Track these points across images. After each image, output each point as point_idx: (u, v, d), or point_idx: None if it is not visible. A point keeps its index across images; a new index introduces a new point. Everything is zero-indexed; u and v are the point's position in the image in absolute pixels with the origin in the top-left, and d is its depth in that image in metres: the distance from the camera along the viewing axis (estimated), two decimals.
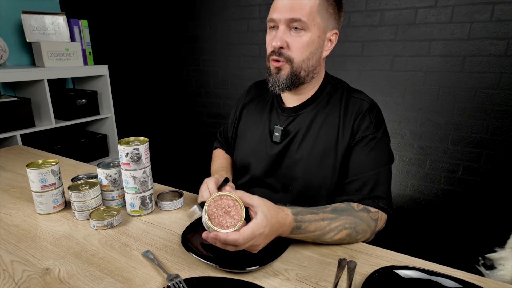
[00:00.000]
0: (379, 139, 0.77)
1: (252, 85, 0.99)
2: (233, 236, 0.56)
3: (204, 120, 2.32)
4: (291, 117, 0.85)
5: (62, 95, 2.09)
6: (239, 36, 2.03)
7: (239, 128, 0.96)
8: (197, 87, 2.29)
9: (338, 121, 0.80)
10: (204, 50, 2.19)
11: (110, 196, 0.85)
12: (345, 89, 0.84)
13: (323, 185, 0.81)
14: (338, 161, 0.79)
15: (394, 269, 0.58)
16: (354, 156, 0.77)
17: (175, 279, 0.56)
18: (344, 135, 0.79)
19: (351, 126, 0.78)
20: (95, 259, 0.65)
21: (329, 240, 0.67)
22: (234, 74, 2.11)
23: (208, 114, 2.29)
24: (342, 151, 0.78)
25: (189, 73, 2.30)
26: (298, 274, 0.60)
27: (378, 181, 0.74)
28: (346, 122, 0.79)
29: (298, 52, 0.76)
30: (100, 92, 2.30)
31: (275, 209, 0.62)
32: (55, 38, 2.08)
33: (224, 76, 2.16)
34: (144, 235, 0.73)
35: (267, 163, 0.87)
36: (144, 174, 0.80)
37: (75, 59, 2.12)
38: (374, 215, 0.72)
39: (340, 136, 0.79)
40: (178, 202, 0.86)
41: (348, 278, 0.59)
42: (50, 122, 1.99)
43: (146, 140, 0.81)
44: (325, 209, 0.69)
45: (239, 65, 2.08)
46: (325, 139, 0.80)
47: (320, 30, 0.76)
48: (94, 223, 0.76)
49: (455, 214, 1.67)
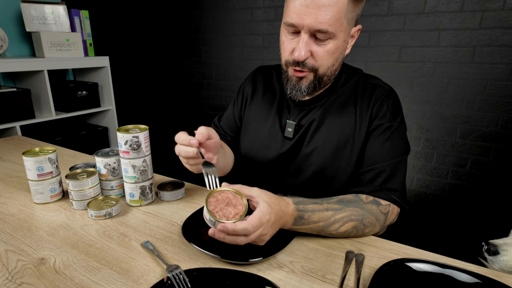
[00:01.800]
0: (396, 128, 0.74)
1: (257, 71, 0.95)
2: (242, 225, 0.54)
3: (206, 113, 2.30)
4: (305, 111, 0.81)
5: (63, 87, 2.07)
6: (243, 26, 2.00)
7: (244, 119, 0.93)
8: (199, 79, 2.26)
9: (354, 110, 0.77)
10: (207, 41, 2.16)
11: (109, 186, 0.84)
12: (360, 75, 0.81)
13: (336, 178, 0.78)
14: (355, 153, 0.76)
15: (406, 262, 0.56)
16: (368, 145, 0.74)
17: (175, 270, 0.55)
18: (362, 125, 0.76)
19: (368, 115, 0.75)
20: (92, 250, 0.63)
21: (334, 232, 0.65)
22: (237, 66, 2.08)
23: (210, 107, 2.27)
24: (360, 142, 0.75)
25: (191, 65, 2.27)
26: (303, 266, 0.59)
27: (392, 172, 0.71)
28: (363, 111, 0.76)
29: (324, 61, 0.71)
30: (101, 84, 2.28)
31: (276, 197, 0.60)
32: (55, 28, 2.06)
33: (226, 67, 2.12)
34: (143, 226, 0.72)
35: (277, 161, 0.84)
36: (144, 163, 0.78)
37: (75, 50, 2.10)
38: (385, 208, 0.69)
39: (357, 127, 0.76)
40: (179, 193, 0.85)
41: (356, 271, 0.57)
42: (50, 113, 1.98)
43: (146, 128, 0.79)
44: (330, 200, 0.67)
45: (242, 56, 2.05)
46: (340, 130, 0.77)
47: (346, 34, 0.70)
48: (92, 213, 0.74)
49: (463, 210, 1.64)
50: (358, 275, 0.55)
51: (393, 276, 0.54)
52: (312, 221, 0.63)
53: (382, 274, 0.54)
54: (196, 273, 0.54)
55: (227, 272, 0.55)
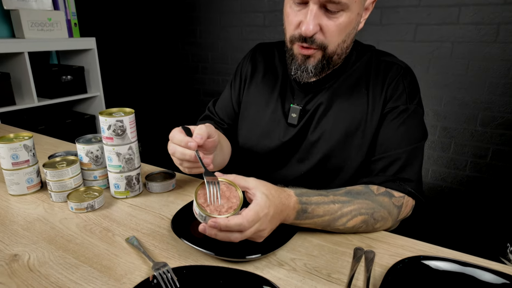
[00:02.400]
0: (412, 112, 0.72)
1: (257, 49, 0.92)
2: (235, 220, 0.51)
3: (201, 99, 2.27)
4: (311, 94, 0.79)
5: (45, 71, 2.05)
6: (242, 3, 1.95)
7: (242, 103, 0.90)
8: (193, 62, 2.23)
9: (366, 91, 0.75)
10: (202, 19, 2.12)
11: (91, 176, 0.82)
12: (373, 52, 0.79)
13: (344, 168, 0.76)
14: (366, 140, 0.74)
15: (423, 260, 0.55)
16: (381, 130, 0.72)
17: (162, 268, 0.53)
18: (375, 108, 0.73)
19: (382, 96, 0.73)
20: (71, 245, 0.62)
21: (341, 227, 0.64)
22: (235, 47, 2.05)
23: (206, 92, 2.24)
24: (372, 127, 0.73)
25: (185, 47, 2.24)
26: (306, 264, 0.57)
27: (407, 161, 0.69)
28: (376, 92, 0.74)
29: (334, 37, 0.68)
30: (87, 68, 2.26)
31: (276, 188, 0.58)
32: (36, 6, 2.02)
33: (224, 49, 2.09)
34: (129, 220, 0.71)
35: (279, 151, 0.82)
36: (130, 150, 0.76)
37: (58, 30, 2.06)
38: (398, 201, 0.67)
39: (369, 110, 0.74)
40: (169, 184, 0.83)
41: (365, 270, 0.56)
42: (32, 100, 1.96)
43: (132, 111, 0.76)
44: (337, 191, 0.65)
45: (241, 36, 2.01)
46: (350, 114, 0.74)
47: (360, 5, 0.67)
48: (72, 205, 0.73)
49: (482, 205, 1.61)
50: (368, 274, 0.54)
51: (408, 275, 0.53)
52: (316, 215, 0.61)
53: (395, 273, 0.52)
54: (186, 271, 0.53)
55: (220, 270, 0.53)
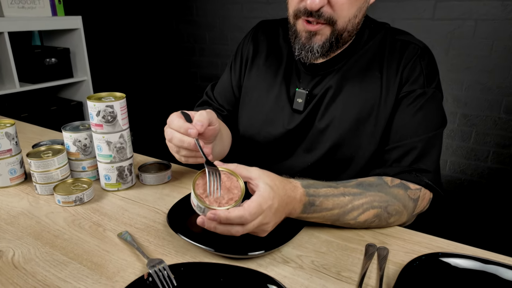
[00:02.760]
0: (431, 96, 0.71)
1: (259, 27, 0.91)
2: (236, 212, 0.52)
3: (198, 84, 2.27)
4: (318, 77, 0.79)
5: (27, 53, 2.04)
6: None
7: (243, 88, 0.90)
8: (189, 43, 2.22)
9: (379, 74, 0.74)
10: None
11: (79, 167, 0.83)
12: (387, 30, 0.78)
13: (355, 159, 0.76)
14: (379, 128, 0.74)
15: (441, 257, 0.55)
16: (396, 116, 0.72)
17: (158, 265, 0.54)
18: (389, 92, 0.73)
19: (398, 79, 0.73)
20: (59, 241, 0.63)
21: (352, 222, 0.64)
22: (235, 26, 2.03)
23: (203, 77, 2.23)
24: (386, 114, 0.73)
25: (180, 26, 2.22)
26: (314, 261, 0.58)
27: (424, 149, 0.69)
28: (390, 75, 0.73)
29: (344, 10, 0.67)
30: (73, 50, 2.25)
31: (281, 179, 0.59)
32: None
33: (223, 28, 2.07)
34: (121, 214, 0.71)
35: (283, 140, 0.82)
36: (121, 138, 0.76)
37: (41, 7, 2.05)
38: (414, 194, 0.67)
39: (383, 95, 0.73)
40: (164, 176, 0.84)
41: (378, 268, 0.56)
42: (13, 85, 1.96)
43: (123, 95, 0.77)
44: (348, 183, 0.66)
45: (242, 14, 1.99)
46: (362, 99, 0.74)
47: None
48: (59, 198, 0.74)
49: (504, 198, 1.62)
50: (381, 273, 0.54)
51: (425, 273, 0.53)
52: (325, 208, 0.62)
53: (411, 271, 0.52)
54: (184, 268, 0.53)
55: (221, 268, 0.53)
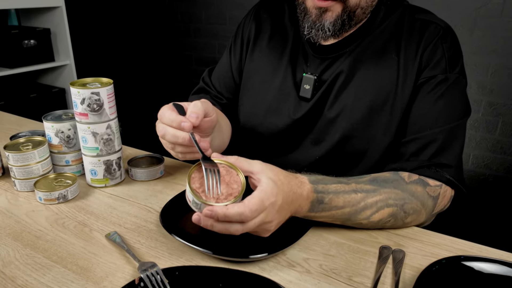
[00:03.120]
0: (453, 82, 0.72)
1: (261, 5, 0.91)
2: (236, 209, 0.52)
3: (193, 69, 2.26)
4: (328, 60, 0.79)
5: (3, 34, 2.04)
6: None
7: (244, 73, 0.91)
8: (184, 23, 2.21)
9: (396, 57, 0.74)
10: None
11: (62, 160, 0.83)
12: (405, 8, 0.78)
13: (368, 152, 0.76)
14: (396, 117, 0.74)
15: (464, 261, 0.55)
16: (415, 105, 0.73)
17: (150, 269, 0.54)
18: (407, 77, 0.73)
19: (416, 63, 0.73)
20: (40, 243, 0.63)
21: (364, 221, 0.64)
22: (235, 4, 2.02)
23: (199, 60, 2.22)
24: (403, 102, 0.74)
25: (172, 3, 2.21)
26: (322, 265, 0.58)
27: (445, 142, 0.69)
28: (409, 58, 0.74)
29: None
30: (54, 31, 2.24)
31: (285, 174, 0.59)
32: None
33: (221, 6, 2.06)
34: (109, 212, 0.72)
35: (289, 130, 0.82)
36: (109, 129, 0.77)
37: None
38: (434, 191, 0.68)
39: (400, 81, 0.74)
40: (156, 170, 0.84)
41: (393, 273, 0.56)
42: None
43: (110, 81, 0.77)
44: (360, 178, 0.66)
45: None
46: (376, 85, 0.75)
47: None
48: (41, 195, 0.74)
49: None
50: (396, 278, 0.54)
51: (445, 278, 0.53)
52: (334, 206, 0.62)
53: (430, 276, 0.53)
54: (179, 272, 0.54)
55: (220, 272, 0.54)
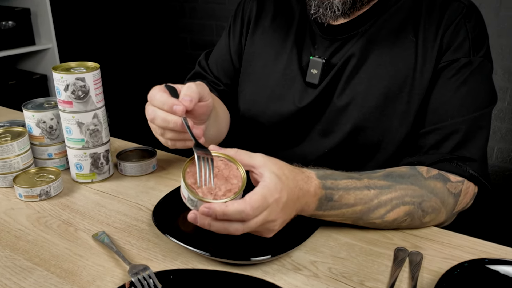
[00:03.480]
0: (478, 66, 0.72)
1: None
2: (236, 206, 0.51)
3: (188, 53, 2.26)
4: (338, 42, 0.79)
5: None
6: None
7: (244, 56, 0.91)
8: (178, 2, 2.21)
9: (414, 39, 0.75)
10: None
11: (45, 153, 0.84)
12: None
13: (383, 144, 0.77)
14: (414, 105, 0.74)
15: (488, 264, 0.55)
16: (434, 92, 0.73)
17: (142, 272, 0.54)
18: (426, 61, 0.73)
19: (437, 45, 0.73)
20: (21, 243, 0.64)
21: (378, 221, 0.65)
22: None
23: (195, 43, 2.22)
24: (422, 88, 0.74)
25: None
26: (331, 269, 0.58)
27: (468, 133, 0.69)
28: (428, 40, 0.73)
29: None
30: (35, 11, 2.23)
31: (290, 168, 0.59)
32: None
33: None
34: (96, 211, 0.72)
35: (294, 120, 0.83)
36: (96, 119, 0.77)
37: None
38: (455, 187, 0.68)
39: (419, 65, 0.74)
40: (148, 165, 0.85)
41: (410, 277, 0.56)
42: None
43: (97, 66, 0.77)
44: (374, 173, 0.66)
45: None
46: (392, 70, 0.75)
47: None
48: (21, 191, 0.75)
49: None
50: (413, 283, 0.54)
51: (468, 283, 0.53)
52: (345, 204, 0.62)
53: (450, 281, 0.53)
54: (173, 276, 0.54)
55: (218, 276, 0.54)
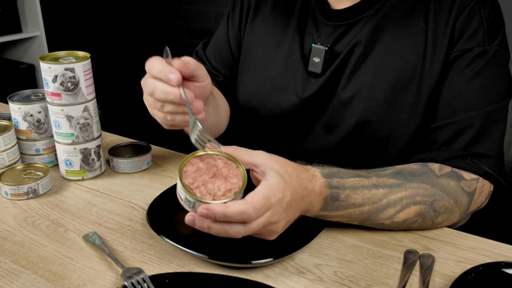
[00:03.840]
0: (493, 56, 0.71)
1: None
2: (236, 207, 0.51)
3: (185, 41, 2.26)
4: (342, 28, 0.79)
5: None
6: None
7: (243, 45, 0.91)
8: None
9: (424, 26, 0.74)
10: None
11: (32, 149, 0.84)
12: None
13: (391, 139, 0.77)
14: (424, 97, 0.74)
15: (505, 268, 0.55)
16: (446, 84, 0.73)
17: (136, 275, 0.55)
18: (437, 50, 0.73)
19: (448, 33, 0.73)
20: (7, 245, 0.64)
21: (387, 221, 0.65)
22: None
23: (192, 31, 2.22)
24: (433, 79, 0.74)
25: None
26: (337, 272, 0.59)
27: (483, 128, 0.69)
28: (439, 27, 0.73)
29: None
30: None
31: (294, 166, 0.59)
32: None
33: None
34: (87, 210, 0.73)
35: (296, 112, 0.83)
36: (86, 112, 0.77)
37: None
38: (469, 185, 0.68)
39: (428, 54, 0.74)
40: (143, 161, 0.85)
41: (421, 281, 0.56)
42: None
43: (87, 55, 0.77)
44: (383, 171, 0.66)
45: None
46: (400, 59, 0.75)
47: None
48: (6, 189, 0.75)
49: None
50: (424, 287, 0.55)
51: None
52: (352, 204, 0.62)
53: (464, 285, 0.53)
54: (169, 280, 0.54)
55: (217, 279, 0.54)
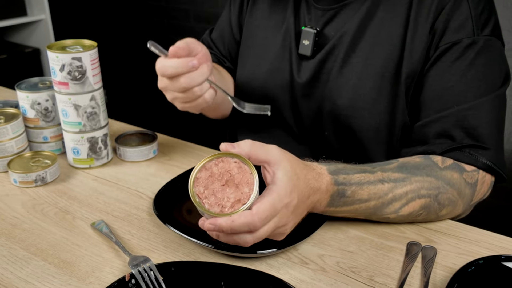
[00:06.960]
0: (484, 45, 0.70)
1: None
2: (242, 220, 0.51)
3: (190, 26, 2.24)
4: (331, 12, 0.79)
5: None
6: None
7: (244, 27, 0.91)
8: None
9: (407, 12, 0.73)
10: None
11: (40, 137, 0.85)
12: None
13: (383, 128, 0.76)
14: (403, 86, 0.74)
15: (505, 261, 0.55)
16: (437, 78, 0.71)
17: (143, 264, 0.55)
18: (415, 39, 0.72)
19: (428, 24, 0.71)
20: (17, 232, 0.65)
21: (392, 216, 0.65)
22: None
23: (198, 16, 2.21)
24: (410, 68, 0.73)
25: None
26: (340, 263, 0.59)
27: (478, 119, 0.68)
28: (420, 15, 0.72)
29: None
30: None
31: (302, 166, 0.58)
32: None
33: None
34: (95, 198, 0.73)
35: (289, 95, 0.83)
36: (93, 101, 0.78)
37: None
38: (471, 177, 0.68)
39: (408, 42, 0.72)
40: (149, 150, 0.85)
41: (423, 273, 0.57)
42: None
43: (94, 44, 0.77)
44: (387, 165, 0.66)
45: None
46: (386, 48, 0.74)
47: None
48: (15, 177, 0.76)
49: None
50: (426, 279, 0.55)
51: (483, 281, 0.53)
52: (358, 200, 0.62)
53: (465, 277, 0.53)
54: (175, 268, 0.55)
55: (222, 269, 0.55)
